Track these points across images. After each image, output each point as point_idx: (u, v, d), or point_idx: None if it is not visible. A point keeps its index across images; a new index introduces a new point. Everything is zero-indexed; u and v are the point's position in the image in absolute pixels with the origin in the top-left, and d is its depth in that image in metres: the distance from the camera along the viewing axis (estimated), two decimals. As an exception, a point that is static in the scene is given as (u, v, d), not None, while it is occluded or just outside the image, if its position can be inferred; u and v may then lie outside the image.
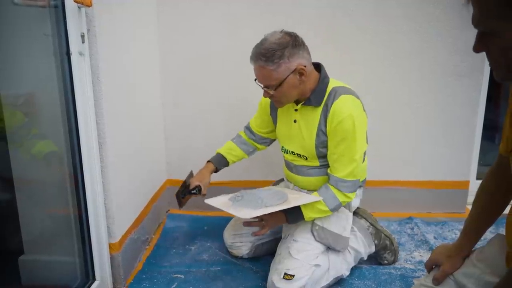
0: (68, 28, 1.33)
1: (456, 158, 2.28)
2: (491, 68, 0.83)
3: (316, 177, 1.67)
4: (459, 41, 2.10)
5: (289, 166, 1.78)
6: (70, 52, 1.35)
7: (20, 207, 1.40)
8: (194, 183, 1.79)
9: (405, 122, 2.25)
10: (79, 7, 1.34)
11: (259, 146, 1.92)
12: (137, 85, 1.87)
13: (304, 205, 1.56)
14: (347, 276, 1.73)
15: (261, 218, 1.60)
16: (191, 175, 1.89)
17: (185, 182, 1.85)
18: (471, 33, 0.81)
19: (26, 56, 1.35)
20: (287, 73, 1.46)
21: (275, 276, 1.55)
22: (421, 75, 2.17)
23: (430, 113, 2.23)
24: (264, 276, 1.68)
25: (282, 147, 1.75)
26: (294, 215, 1.59)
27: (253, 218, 1.54)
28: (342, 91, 1.54)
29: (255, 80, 1.53)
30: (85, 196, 1.50)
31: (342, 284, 1.71)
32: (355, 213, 1.84)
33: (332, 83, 1.58)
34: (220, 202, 1.62)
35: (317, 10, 2.10)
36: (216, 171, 1.87)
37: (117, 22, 1.61)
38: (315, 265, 1.57)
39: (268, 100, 1.74)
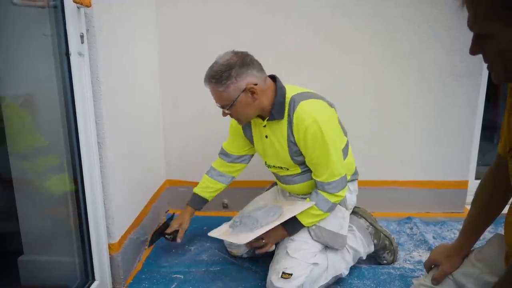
0: (67, 28, 1.33)
1: (455, 158, 2.28)
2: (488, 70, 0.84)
3: (302, 182, 1.70)
4: (458, 42, 2.11)
5: (276, 177, 1.82)
6: (70, 53, 1.35)
7: (19, 207, 1.40)
8: (173, 226, 1.84)
9: (403, 122, 2.25)
10: (78, 7, 1.34)
11: (238, 167, 1.90)
12: (137, 85, 1.87)
13: (300, 213, 1.59)
14: (347, 275, 1.73)
15: (261, 237, 1.61)
16: (171, 218, 1.92)
17: (165, 223, 1.88)
18: (470, 34, 0.81)
19: (25, 57, 1.35)
20: (238, 93, 1.48)
21: (273, 276, 1.56)
22: (420, 75, 2.18)
23: (428, 113, 2.23)
24: (264, 276, 1.69)
25: (265, 162, 1.78)
26: (292, 226, 1.62)
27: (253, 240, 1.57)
28: (299, 98, 1.54)
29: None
30: (85, 196, 1.50)
31: (342, 284, 1.71)
32: (355, 212, 1.84)
33: (290, 92, 1.57)
34: (221, 232, 1.67)
35: (316, 10, 2.10)
36: (199, 210, 1.91)
37: (116, 22, 1.61)
38: (313, 264, 1.58)
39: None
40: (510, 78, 0.82)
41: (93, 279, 1.60)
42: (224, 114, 1.57)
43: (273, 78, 1.60)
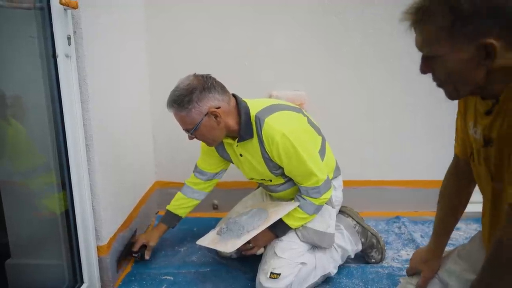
0: (54, 30, 1.33)
1: (443, 158, 2.28)
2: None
3: (287, 190, 1.71)
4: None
5: (262, 186, 1.83)
6: (57, 54, 1.34)
7: (6, 210, 1.39)
8: (140, 242, 1.81)
9: (392, 122, 2.28)
10: (65, 9, 1.33)
11: (213, 183, 1.90)
12: (125, 87, 1.87)
13: (287, 216, 1.60)
14: (335, 275, 1.74)
15: (248, 242, 1.62)
16: (135, 233, 1.91)
17: (129, 241, 1.86)
18: None
19: (11, 58, 1.34)
20: (201, 117, 1.47)
21: (262, 276, 1.57)
22: (408, 76, 2.19)
23: (417, 113, 2.26)
24: (253, 277, 1.69)
25: (246, 176, 1.78)
26: (281, 229, 1.64)
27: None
28: (263, 115, 1.53)
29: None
30: (73, 198, 1.50)
31: (330, 283, 1.72)
32: (342, 211, 1.86)
33: (253, 110, 1.55)
34: (209, 240, 1.66)
35: (306, 12, 2.12)
36: (173, 227, 1.90)
37: (104, 24, 1.61)
38: (301, 263, 1.59)
39: None
40: (460, 95, 0.89)
41: (82, 282, 1.59)
42: (190, 138, 1.56)
43: (235, 97, 1.59)
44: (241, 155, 1.64)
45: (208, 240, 1.67)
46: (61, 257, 1.56)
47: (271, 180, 1.69)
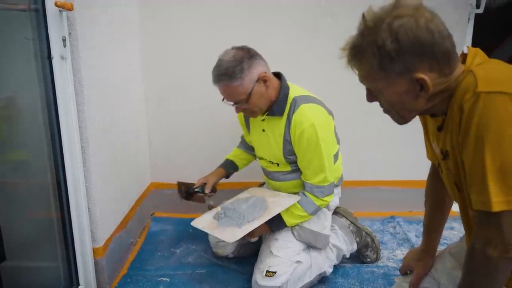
0: (49, 32, 1.33)
1: (436, 158, 2.33)
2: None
3: (290, 181, 1.71)
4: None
5: (265, 172, 1.83)
6: (52, 56, 1.34)
7: (0, 212, 1.38)
8: (200, 181, 1.83)
9: (387, 123, 2.26)
10: (60, 11, 1.33)
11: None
12: (120, 88, 1.86)
13: (285, 212, 1.60)
14: (331, 274, 1.75)
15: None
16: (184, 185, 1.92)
17: (187, 187, 1.87)
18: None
19: (7, 60, 1.33)
20: (252, 84, 1.50)
21: (258, 275, 1.58)
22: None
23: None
24: (249, 278, 1.70)
25: (257, 153, 1.81)
26: (276, 223, 1.63)
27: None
28: (302, 101, 1.57)
29: (223, 100, 1.56)
30: (68, 200, 1.49)
31: (326, 283, 1.73)
32: (336, 212, 1.87)
33: (293, 92, 1.60)
34: (205, 224, 1.63)
35: (301, 12, 2.12)
36: (227, 176, 1.92)
37: (99, 25, 1.60)
38: (296, 262, 1.60)
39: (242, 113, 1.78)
40: (406, 121, 0.95)
41: (78, 284, 1.58)
42: (239, 110, 1.58)
43: (278, 75, 1.63)
44: (263, 130, 1.67)
45: (204, 223, 1.63)
46: (57, 259, 1.55)
47: (278, 165, 1.69)
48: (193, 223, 1.66)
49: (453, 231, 2.16)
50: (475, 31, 2.20)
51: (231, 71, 1.46)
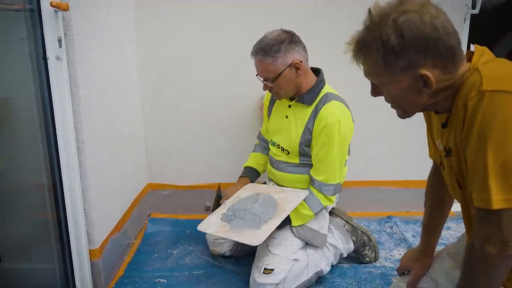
0: (44, 32, 1.32)
1: (433, 158, 2.33)
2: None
3: (294, 174, 1.72)
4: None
5: (271, 161, 1.83)
6: (47, 57, 1.33)
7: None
8: (228, 196, 1.76)
9: (384, 122, 2.29)
10: (55, 11, 1.32)
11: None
12: (116, 89, 1.86)
13: (293, 212, 1.60)
14: (329, 274, 1.76)
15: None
16: (219, 188, 1.91)
17: (217, 196, 1.87)
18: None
19: (1, 61, 1.32)
20: (284, 67, 1.56)
21: (256, 273, 1.58)
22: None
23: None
24: (247, 279, 1.69)
25: (271, 140, 1.82)
26: (283, 222, 1.60)
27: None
28: (334, 97, 1.62)
29: (257, 75, 1.63)
30: (64, 202, 1.48)
31: (324, 282, 1.73)
32: (330, 212, 1.88)
33: (327, 89, 1.67)
34: (216, 228, 1.55)
35: (296, 14, 2.12)
36: (252, 181, 1.92)
37: (95, 26, 1.60)
38: (294, 260, 1.61)
39: (268, 97, 1.85)
40: (409, 115, 0.96)
41: (74, 286, 1.57)
42: (266, 88, 1.63)
43: (317, 71, 1.69)
44: (286, 116, 1.71)
45: (214, 228, 1.56)
46: (53, 261, 1.54)
47: (288, 153, 1.71)
48: (201, 228, 1.58)
49: (450, 231, 2.17)
50: (471, 31, 2.21)
51: (268, 48, 1.54)
